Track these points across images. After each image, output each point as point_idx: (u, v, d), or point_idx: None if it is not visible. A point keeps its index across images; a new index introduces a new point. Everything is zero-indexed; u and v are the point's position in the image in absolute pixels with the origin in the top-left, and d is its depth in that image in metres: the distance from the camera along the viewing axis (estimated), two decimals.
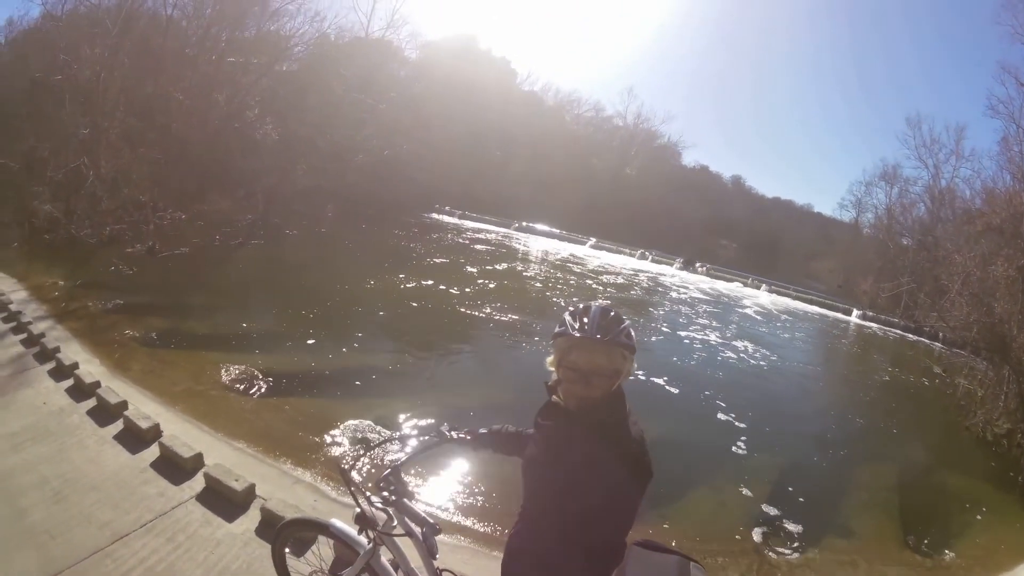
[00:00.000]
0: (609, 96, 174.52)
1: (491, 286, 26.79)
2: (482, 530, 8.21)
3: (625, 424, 2.97)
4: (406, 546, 4.10)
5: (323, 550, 5.34)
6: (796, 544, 9.92)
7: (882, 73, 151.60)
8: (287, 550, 5.05)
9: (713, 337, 25.67)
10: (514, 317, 21.22)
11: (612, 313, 2.98)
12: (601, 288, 34.21)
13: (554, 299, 27.17)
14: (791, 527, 10.36)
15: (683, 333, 25.34)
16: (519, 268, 35.01)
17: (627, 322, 2.99)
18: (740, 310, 37.18)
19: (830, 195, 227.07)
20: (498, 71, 73.60)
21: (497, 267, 33.19)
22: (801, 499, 11.65)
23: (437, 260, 31.24)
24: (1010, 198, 31.16)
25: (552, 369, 3.12)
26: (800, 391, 20.75)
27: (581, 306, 3.03)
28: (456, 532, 8.03)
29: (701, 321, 29.24)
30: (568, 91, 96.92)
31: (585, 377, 2.90)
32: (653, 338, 23.30)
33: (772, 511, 10.81)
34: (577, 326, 2.92)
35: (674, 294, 38.06)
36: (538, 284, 30.54)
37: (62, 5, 32.26)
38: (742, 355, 23.55)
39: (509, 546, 3.32)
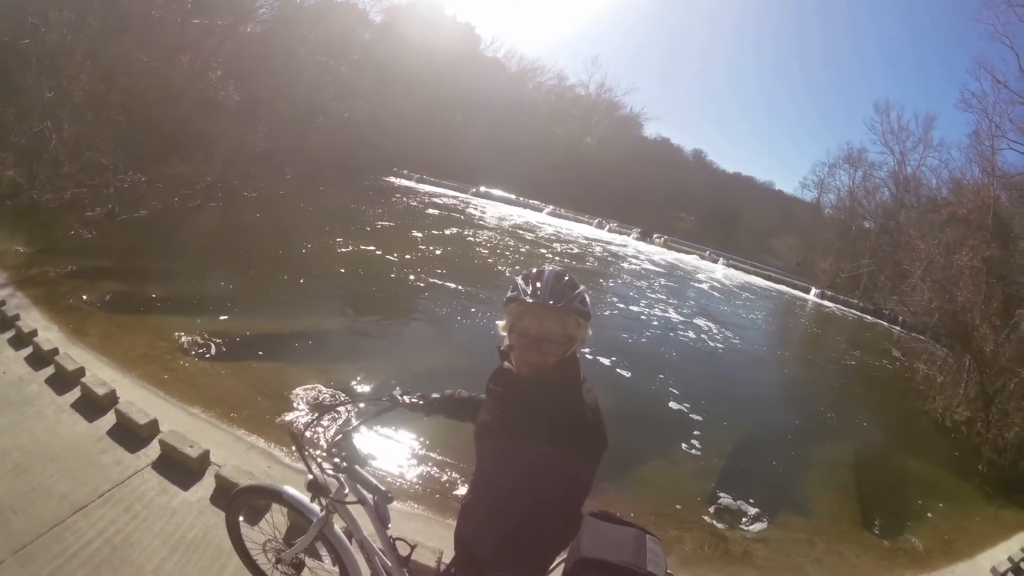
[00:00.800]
0: (574, 66, 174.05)
1: (445, 251, 27.40)
2: (435, 498, 8.38)
3: (578, 392, 2.95)
4: (359, 514, 4.12)
5: (276, 518, 5.30)
6: (751, 521, 10.25)
7: (850, 57, 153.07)
8: (241, 518, 5.10)
9: (669, 312, 26.38)
10: (466, 283, 21.52)
11: (566, 278, 2.93)
12: (555, 256, 34.75)
13: (507, 266, 27.76)
14: (746, 504, 10.66)
15: (636, 308, 25.90)
16: (474, 233, 35.37)
17: (581, 288, 2.96)
18: (697, 284, 37.98)
19: (792, 174, 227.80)
20: (462, 36, 73.75)
21: (451, 232, 33.78)
22: (758, 478, 12.09)
23: (392, 224, 31.71)
24: (978, 190, 32.34)
25: (504, 334, 3.07)
26: (756, 369, 21.53)
27: (534, 271, 2.96)
28: (409, 500, 8.19)
29: (656, 295, 29.99)
30: (531, 59, 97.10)
31: (537, 343, 2.87)
32: (606, 312, 23.77)
33: (727, 488, 11.12)
34: (529, 291, 2.87)
35: (630, 264, 38.83)
36: (492, 250, 31.08)
37: None
38: (699, 332, 24.22)
39: (461, 514, 3.30)
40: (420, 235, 29.83)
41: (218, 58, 36.44)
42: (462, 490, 5.47)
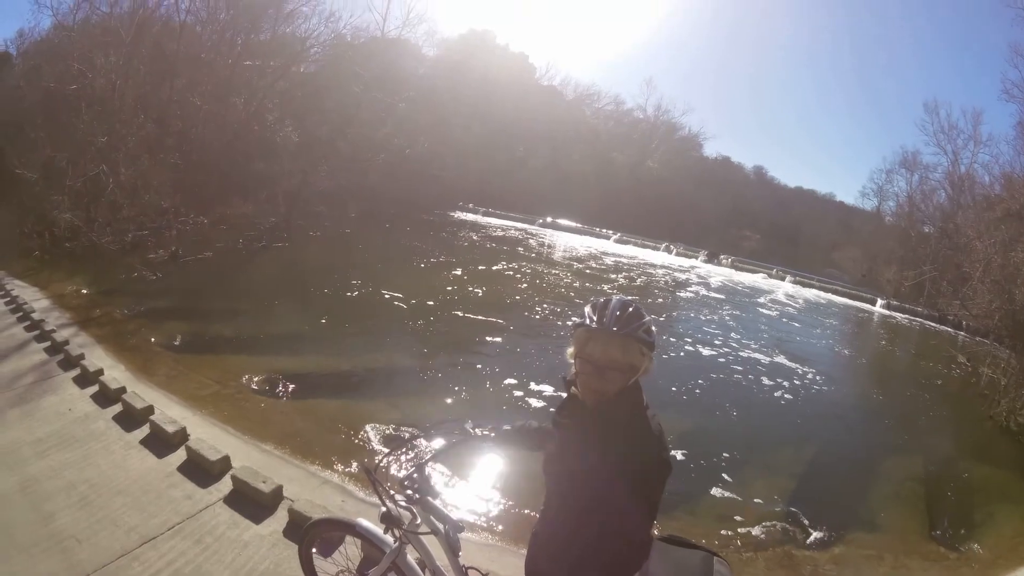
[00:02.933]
0: (628, 88, 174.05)
1: (513, 285, 26.53)
2: (506, 527, 8.14)
3: (642, 418, 2.90)
4: (432, 544, 4.10)
5: (350, 550, 5.07)
6: (821, 539, 9.76)
7: (900, 58, 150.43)
8: (314, 550, 4.98)
9: (738, 337, 24.65)
10: (539, 315, 21.03)
11: (632, 308, 2.88)
12: (626, 283, 33.65)
13: (579, 295, 26.64)
14: (816, 522, 10.15)
15: (706, 332, 24.22)
16: (544, 265, 34.51)
17: (647, 318, 2.91)
18: (764, 305, 36.32)
19: (852, 183, 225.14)
20: (517, 66, 73.06)
21: (523, 264, 32.83)
22: (826, 494, 11.51)
23: (459, 259, 30.84)
24: None
25: (571, 362, 3.00)
26: (824, 381, 20.12)
27: (602, 299, 2.94)
28: (481, 530, 7.98)
29: (724, 321, 28.10)
30: (587, 84, 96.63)
31: (600, 370, 2.83)
32: (675, 337, 22.34)
33: (797, 506, 10.60)
34: (595, 318, 2.85)
35: (697, 289, 37.26)
36: (563, 280, 30.07)
37: (74, 15, 32.81)
38: (768, 348, 22.98)
39: (532, 543, 3.27)
40: (489, 269, 29.47)
41: (273, 99, 36.38)
42: (532, 520, 4.74)
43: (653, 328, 2.92)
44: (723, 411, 15.08)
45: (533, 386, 13.82)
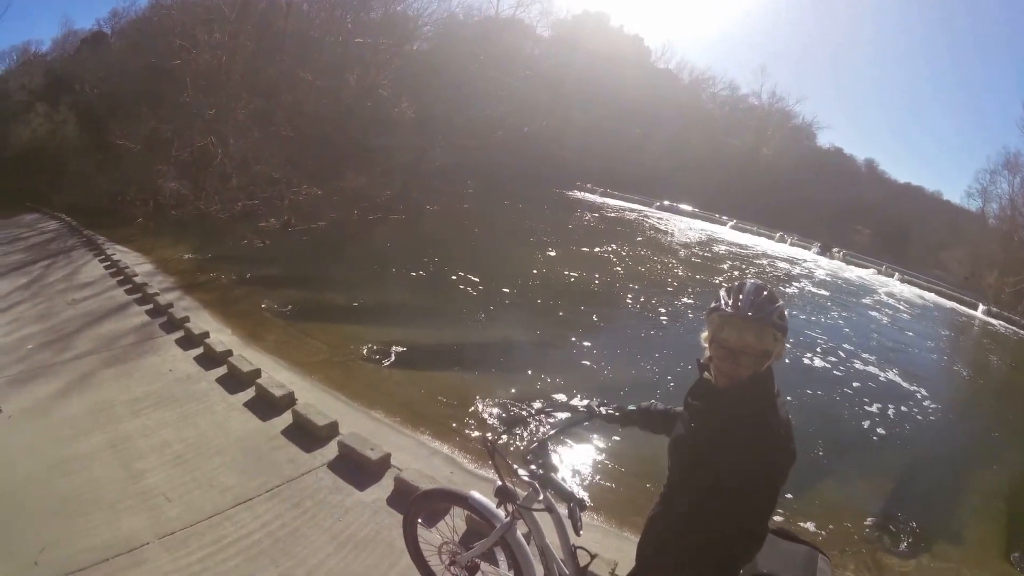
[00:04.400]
0: (740, 74, 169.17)
1: (632, 265, 25.34)
2: (618, 509, 7.62)
3: (772, 405, 2.74)
4: (543, 521, 3.88)
5: (456, 522, 4.99)
6: (908, 544, 9.25)
7: (1011, 55, 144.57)
8: (420, 520, 4.83)
9: (850, 345, 23.71)
10: (659, 297, 19.91)
11: (766, 292, 2.75)
12: (742, 271, 31.97)
13: (697, 280, 25.31)
14: (905, 528, 9.60)
15: (814, 333, 22.89)
16: (663, 247, 33.01)
17: (781, 303, 2.77)
18: (873, 305, 34.95)
19: (958, 182, 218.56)
20: (632, 48, 71.09)
21: (638, 246, 31.38)
22: (918, 499, 10.84)
23: (578, 237, 29.90)
24: None
25: (705, 346, 2.87)
26: (929, 391, 18.61)
27: (736, 283, 2.82)
28: (591, 510, 7.39)
29: (834, 317, 27.03)
30: (702, 69, 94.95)
31: (734, 355, 2.70)
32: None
33: (890, 509, 10.02)
34: (731, 302, 2.70)
35: (808, 282, 35.60)
36: (683, 264, 28.58)
37: None
38: (880, 360, 21.47)
39: (648, 526, 3.09)
40: (607, 249, 28.09)
41: (386, 75, 35.81)
42: (646, 504, 3.96)
43: (786, 312, 2.79)
44: (827, 415, 14.12)
45: (654, 367, 13.26)
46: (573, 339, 14.55)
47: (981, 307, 40.15)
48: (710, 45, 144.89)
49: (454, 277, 17.83)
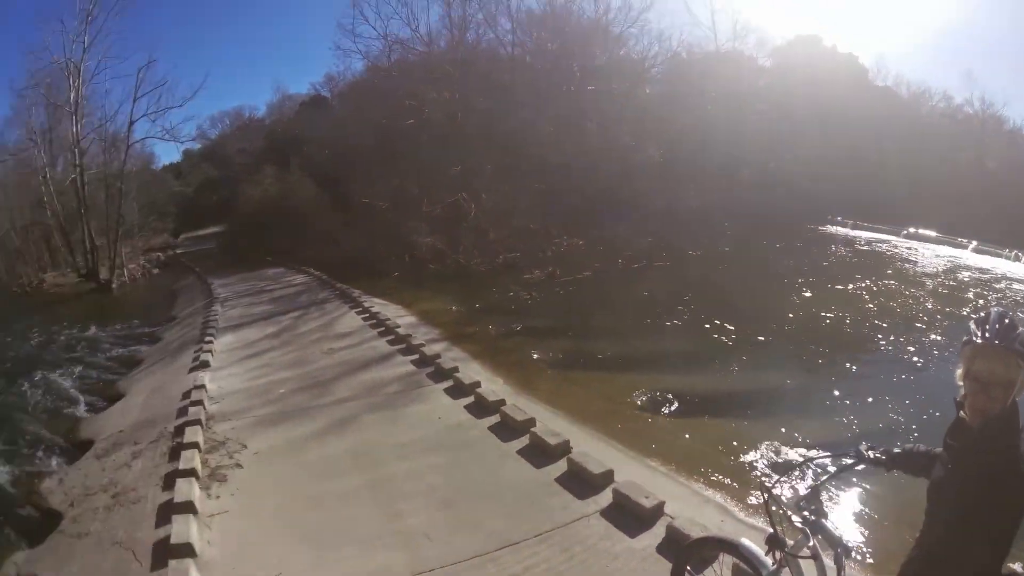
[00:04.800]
0: (947, 81, 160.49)
1: (888, 301, 22.66)
2: (879, 555, 7.18)
3: (1015, 441, 2.59)
4: (807, 568, 3.63)
5: (724, 570, 4.94)
6: None
7: None
8: (688, 568, 4.84)
9: None
10: (909, 335, 17.82)
11: (1007, 319, 2.63)
12: (986, 298, 29.93)
13: (946, 312, 23.01)
14: None
15: None
16: (910, 278, 30.95)
17: (1022, 328, 2.60)
18: None
19: None
20: (849, 68, 69.03)
21: (891, 278, 29.43)
22: None
23: (835, 274, 26.93)
24: None
25: (960, 383, 2.73)
26: None
27: (983, 313, 2.73)
28: (855, 560, 6.91)
29: None
30: (918, 82, 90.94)
31: (985, 388, 2.58)
32: None
33: None
34: (979, 333, 2.62)
35: None
36: (931, 296, 26.39)
37: (387, 56, 34.57)
38: None
39: (906, 569, 2.98)
40: (859, 286, 25.09)
41: (625, 120, 35.43)
42: (900, 551, 3.99)
43: None
44: None
45: (923, 407, 11.93)
46: (827, 386, 13.41)
47: None
48: (911, 53, 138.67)
49: (715, 323, 16.98)
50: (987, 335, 2.59)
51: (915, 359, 15.38)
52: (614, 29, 37.35)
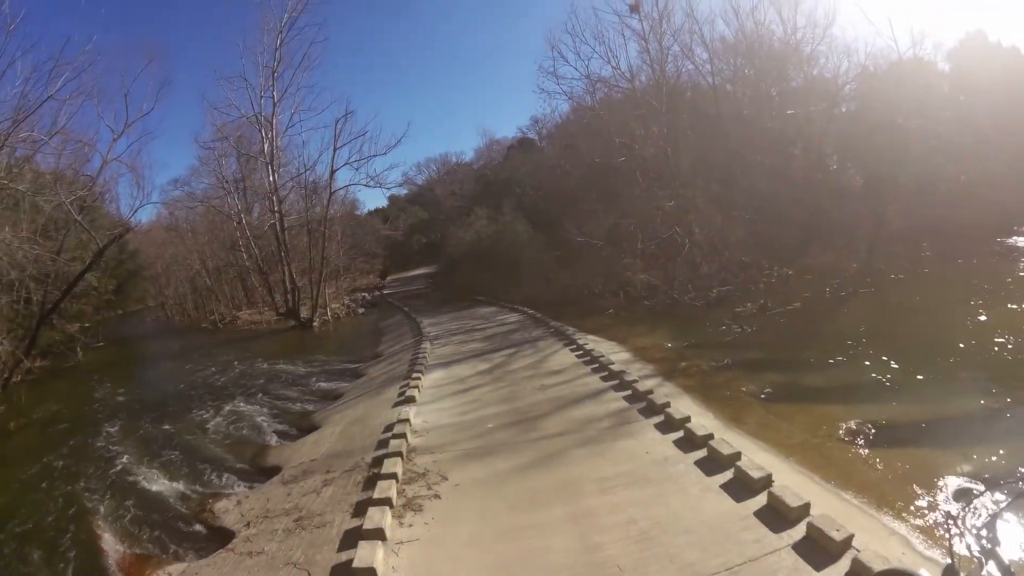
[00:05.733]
0: None
1: None
2: None
3: None
4: None
5: None
6: None
7: None
8: None
9: None
10: None
11: None
12: None
13: None
14: None
15: None
16: None
17: None
18: None
19: None
20: (1015, 64, 66.21)
21: None
22: None
23: (1014, 292, 27.77)
24: None
25: None
26: None
27: None
28: None
29: None
30: None
31: None
32: None
33: None
34: None
35: None
36: None
37: (592, 95, 35.35)
38: None
39: None
40: None
41: (828, 143, 35.61)
42: None
43: None
44: None
45: None
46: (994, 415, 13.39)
47: None
48: None
49: (919, 349, 17.13)
50: None
51: None
52: (805, 48, 36.83)
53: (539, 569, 6.93)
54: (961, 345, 17.21)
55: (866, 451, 10.96)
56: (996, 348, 17.35)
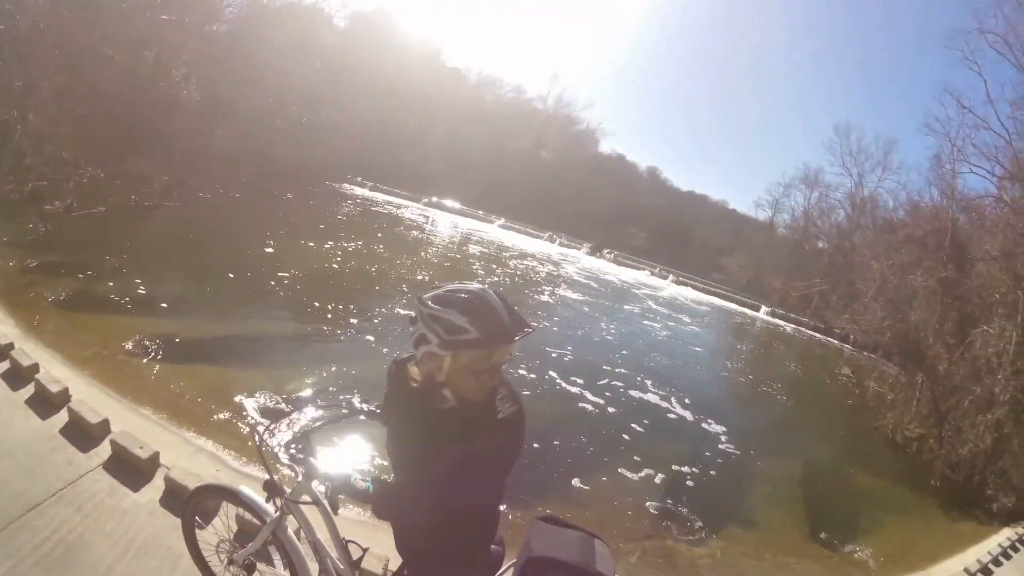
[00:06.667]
0: (538, 81, 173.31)
1: (391, 261, 27.77)
2: None
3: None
4: (312, 516, 4.21)
5: (229, 520, 5.15)
6: (698, 534, 10.40)
7: (809, 80, 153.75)
8: (196, 519, 5.08)
9: (614, 327, 26.54)
10: (410, 293, 20.80)
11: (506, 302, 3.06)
12: (504, 271, 34.87)
13: (459, 275, 27.46)
14: (693, 518, 10.80)
15: (577, 325, 25.91)
16: (421, 243, 36.06)
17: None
18: (643, 300, 38.80)
19: (747, 194, 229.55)
20: (423, 45, 74.69)
21: (399, 241, 34.29)
22: (703, 492, 12.27)
23: (343, 231, 31.61)
24: (936, 213, 32.94)
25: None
26: (707, 383, 21.76)
27: (478, 298, 3.02)
28: (359, 506, 7.96)
29: (597, 311, 30.21)
30: (490, 71, 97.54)
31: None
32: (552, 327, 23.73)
33: (673, 502, 11.25)
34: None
35: (576, 279, 39.24)
36: (441, 261, 31.54)
37: None
38: (650, 344, 24.88)
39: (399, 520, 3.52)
40: (365, 244, 29.98)
41: (184, 55, 35.67)
42: None
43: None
44: (600, 398, 16.06)
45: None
46: (336, 331, 16.14)
47: (764, 308, 47.23)
48: (507, 53, 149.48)
49: (215, 270, 18.74)
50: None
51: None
52: None
53: None
54: (250, 274, 19.15)
55: (162, 365, 11.23)
56: (284, 280, 19.56)
